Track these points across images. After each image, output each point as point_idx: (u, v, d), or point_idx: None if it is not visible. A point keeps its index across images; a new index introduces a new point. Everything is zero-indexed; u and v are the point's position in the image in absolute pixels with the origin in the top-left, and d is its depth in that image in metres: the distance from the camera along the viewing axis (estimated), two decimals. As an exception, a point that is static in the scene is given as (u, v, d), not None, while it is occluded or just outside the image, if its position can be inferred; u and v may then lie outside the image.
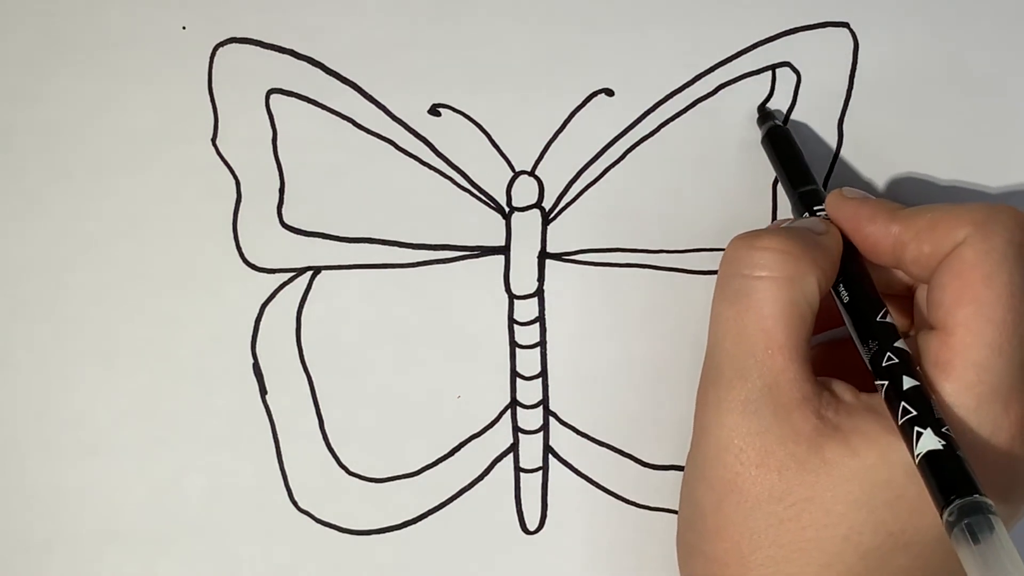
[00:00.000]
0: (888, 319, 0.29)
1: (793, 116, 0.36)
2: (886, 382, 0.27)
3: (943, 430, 0.26)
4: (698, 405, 0.30)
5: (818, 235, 0.30)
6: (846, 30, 0.35)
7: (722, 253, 0.30)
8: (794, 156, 0.34)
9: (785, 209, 0.36)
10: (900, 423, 0.26)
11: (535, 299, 0.35)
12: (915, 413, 0.26)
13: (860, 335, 0.29)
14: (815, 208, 0.32)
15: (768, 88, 0.35)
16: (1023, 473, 0.27)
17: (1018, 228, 0.28)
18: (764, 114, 0.35)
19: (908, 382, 0.27)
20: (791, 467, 0.28)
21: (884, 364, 0.27)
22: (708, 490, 0.29)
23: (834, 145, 0.36)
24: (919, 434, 0.26)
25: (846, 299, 0.30)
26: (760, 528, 0.28)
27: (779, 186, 0.36)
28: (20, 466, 0.35)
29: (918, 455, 0.25)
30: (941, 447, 0.25)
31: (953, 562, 0.28)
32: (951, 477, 0.25)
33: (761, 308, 0.28)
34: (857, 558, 0.27)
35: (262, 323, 0.35)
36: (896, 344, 0.28)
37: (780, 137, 0.34)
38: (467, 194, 0.35)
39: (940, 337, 0.28)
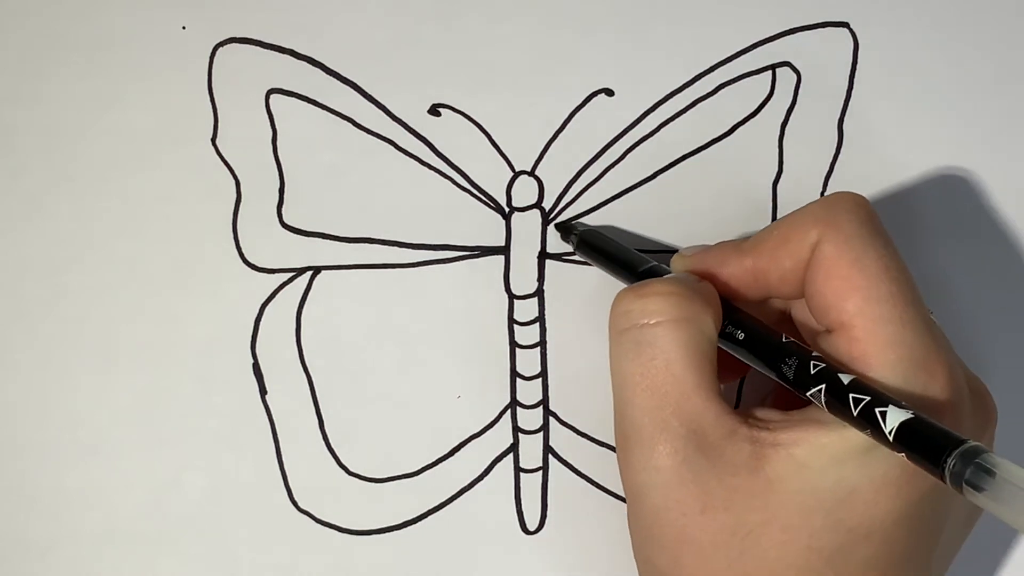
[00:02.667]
0: (787, 339, 0.29)
1: (793, 116, 0.36)
2: (823, 385, 0.27)
3: (902, 404, 0.26)
4: (623, 469, 0.29)
5: (695, 279, 0.30)
6: (846, 30, 0.35)
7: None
8: (615, 248, 0.34)
9: (785, 211, 0.36)
10: (856, 413, 0.26)
11: (535, 299, 0.35)
12: (868, 398, 0.26)
13: (771, 360, 0.29)
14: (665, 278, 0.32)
15: (768, 88, 0.35)
16: (967, 433, 0.28)
17: (860, 208, 0.29)
18: (564, 229, 0.35)
19: (846, 378, 0.27)
20: (736, 499, 0.27)
21: (813, 372, 0.27)
22: (660, 550, 0.29)
23: (834, 145, 0.36)
24: (883, 413, 0.26)
25: (741, 336, 0.30)
26: (722, 568, 0.28)
27: (779, 186, 0.36)
28: (20, 466, 0.35)
29: (891, 431, 0.25)
30: (912, 415, 0.25)
31: (916, 540, 0.28)
32: (935, 436, 0.25)
33: (666, 354, 0.28)
34: (823, 563, 0.27)
35: (262, 323, 0.35)
36: (814, 354, 0.28)
37: (592, 240, 0.34)
38: (467, 194, 0.35)
39: (842, 335, 0.28)
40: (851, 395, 0.26)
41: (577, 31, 0.35)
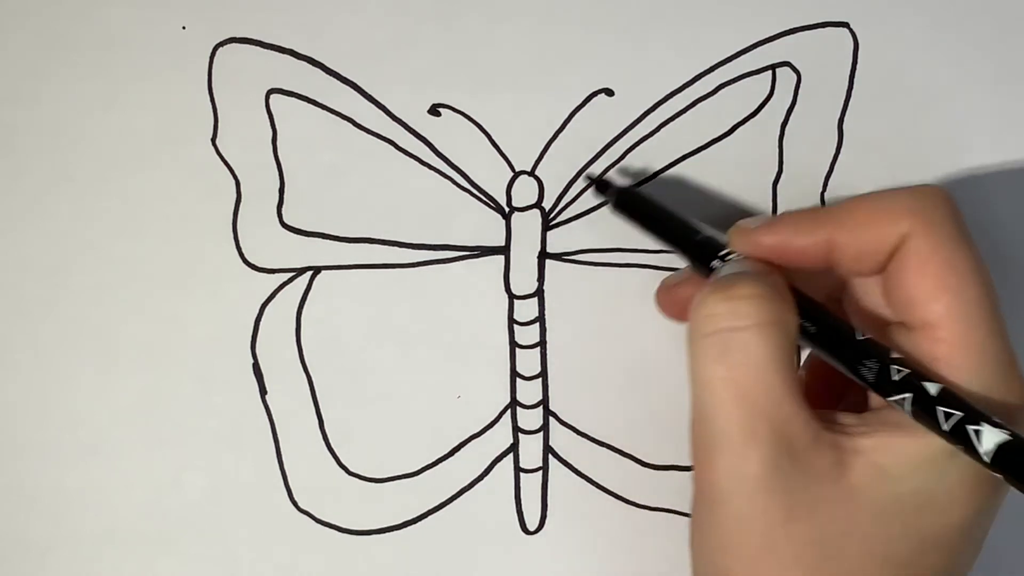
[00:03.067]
0: (864, 335, 0.28)
1: (793, 116, 0.36)
2: (908, 395, 0.26)
3: (995, 419, 0.25)
4: (702, 473, 0.28)
5: (766, 271, 0.29)
6: (846, 30, 0.35)
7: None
8: (660, 213, 0.32)
9: (786, 209, 0.36)
10: (947, 428, 0.25)
11: (535, 299, 0.35)
12: (961, 414, 0.25)
13: (848, 359, 0.28)
14: (722, 254, 0.31)
15: (768, 88, 0.35)
16: None
17: (950, 206, 0.28)
18: (599, 183, 0.33)
19: (933, 387, 0.26)
20: (821, 509, 0.27)
21: (896, 379, 0.27)
22: (739, 559, 0.28)
23: (834, 145, 0.36)
24: (977, 432, 0.25)
25: (813, 331, 0.29)
26: None
27: (779, 186, 0.36)
28: (20, 466, 0.35)
29: (987, 453, 0.24)
30: (1009, 436, 0.24)
31: (970, 551, 0.28)
32: None
33: (757, 360, 0.27)
34: (892, 570, 0.27)
35: (262, 323, 0.35)
36: (894, 355, 0.27)
37: (634, 200, 0.33)
38: (467, 194, 0.35)
39: (925, 334, 0.27)
40: (940, 408, 0.26)
41: (577, 31, 0.35)
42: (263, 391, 0.35)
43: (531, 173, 0.35)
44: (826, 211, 0.30)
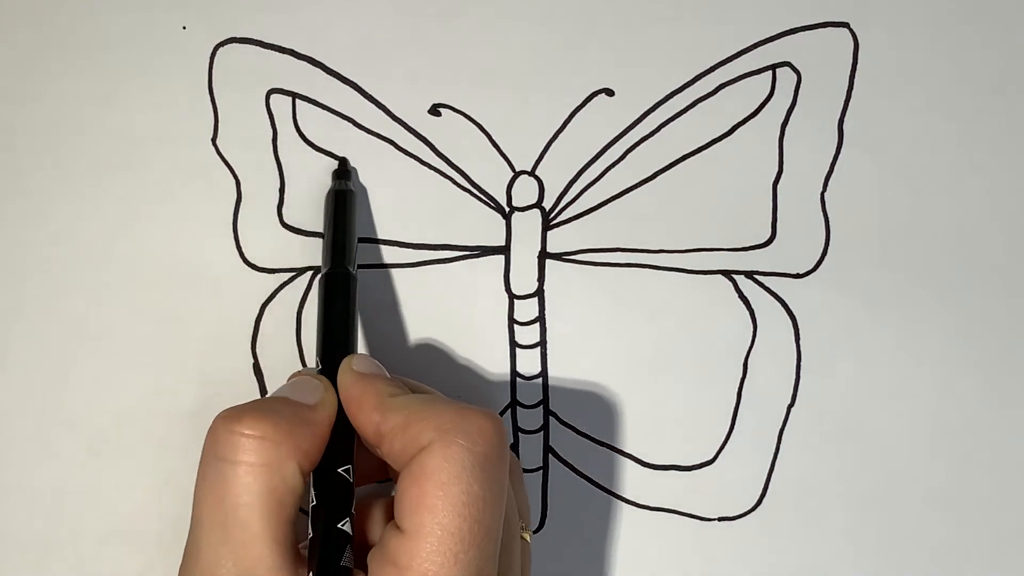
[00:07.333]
0: (347, 527, 0.29)
1: (793, 116, 0.36)
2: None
3: None
4: None
5: (308, 408, 0.30)
6: (846, 30, 0.35)
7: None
8: (343, 309, 0.32)
9: (785, 211, 0.36)
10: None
11: (535, 299, 0.35)
12: None
13: (318, 526, 0.29)
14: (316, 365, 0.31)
15: (768, 88, 0.35)
16: None
17: (480, 437, 0.28)
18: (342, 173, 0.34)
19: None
20: None
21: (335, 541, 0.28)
22: None
23: (834, 145, 0.36)
24: None
25: (315, 502, 0.29)
26: None
27: (779, 186, 0.36)
28: (20, 466, 0.35)
29: None
30: None
31: None
32: None
33: (238, 497, 0.28)
34: None
35: (262, 323, 0.35)
36: (347, 559, 0.28)
37: (338, 282, 0.32)
38: (467, 194, 0.35)
39: (400, 539, 0.28)
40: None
41: (577, 31, 0.35)
42: (263, 391, 0.35)
43: (531, 173, 0.35)
44: (390, 400, 0.30)
